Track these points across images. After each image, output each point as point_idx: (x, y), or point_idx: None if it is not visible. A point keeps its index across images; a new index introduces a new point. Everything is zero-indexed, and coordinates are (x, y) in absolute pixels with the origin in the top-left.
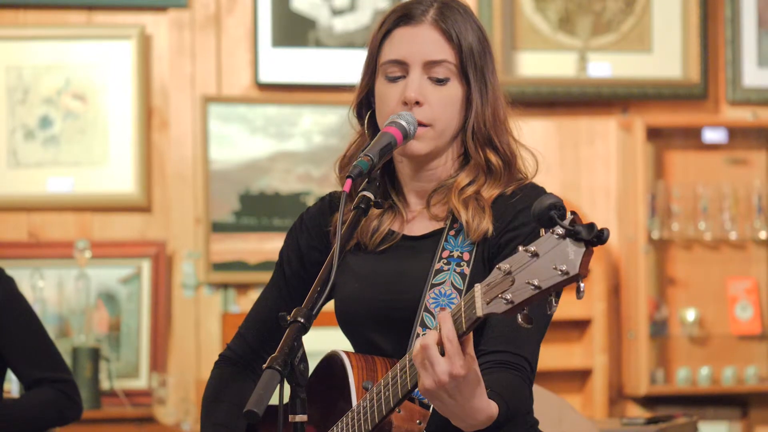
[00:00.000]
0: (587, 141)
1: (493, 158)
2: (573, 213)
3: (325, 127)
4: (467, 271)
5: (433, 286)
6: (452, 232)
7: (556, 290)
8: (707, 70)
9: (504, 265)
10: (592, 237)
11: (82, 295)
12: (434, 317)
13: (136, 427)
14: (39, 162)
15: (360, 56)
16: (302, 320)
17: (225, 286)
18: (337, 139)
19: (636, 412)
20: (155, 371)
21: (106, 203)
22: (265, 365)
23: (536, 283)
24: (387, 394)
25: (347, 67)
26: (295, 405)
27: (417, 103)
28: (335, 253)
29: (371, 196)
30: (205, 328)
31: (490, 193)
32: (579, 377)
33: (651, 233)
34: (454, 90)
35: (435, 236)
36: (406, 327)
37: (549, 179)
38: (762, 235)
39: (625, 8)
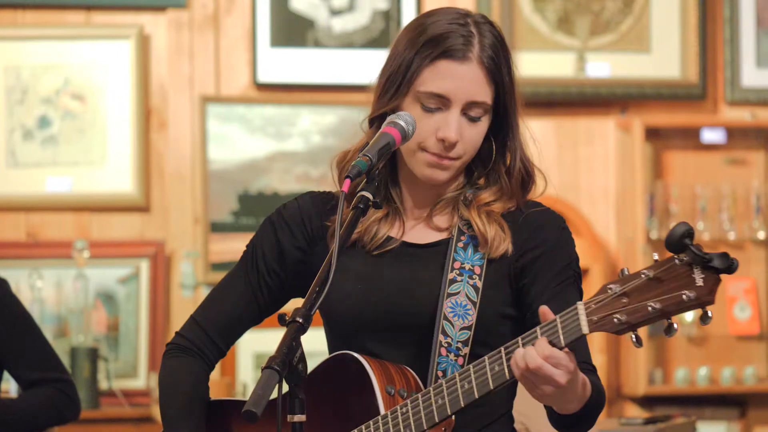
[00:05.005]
0: (586, 141)
1: (517, 179)
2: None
3: (324, 127)
4: (479, 284)
5: (450, 295)
6: (461, 244)
7: (678, 314)
8: (706, 71)
9: (614, 287)
10: (725, 266)
11: (80, 295)
12: (453, 325)
13: (135, 427)
14: (37, 162)
15: (358, 56)
16: (301, 320)
17: None
18: (335, 139)
19: (634, 412)
20: (154, 371)
21: (105, 203)
22: (263, 365)
23: (658, 306)
24: (441, 402)
25: (346, 67)
26: (293, 405)
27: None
28: (334, 254)
29: (370, 196)
30: None
31: (500, 212)
32: None
33: (650, 233)
34: (484, 126)
35: (441, 246)
36: (420, 335)
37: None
38: (760, 235)
39: (623, 8)
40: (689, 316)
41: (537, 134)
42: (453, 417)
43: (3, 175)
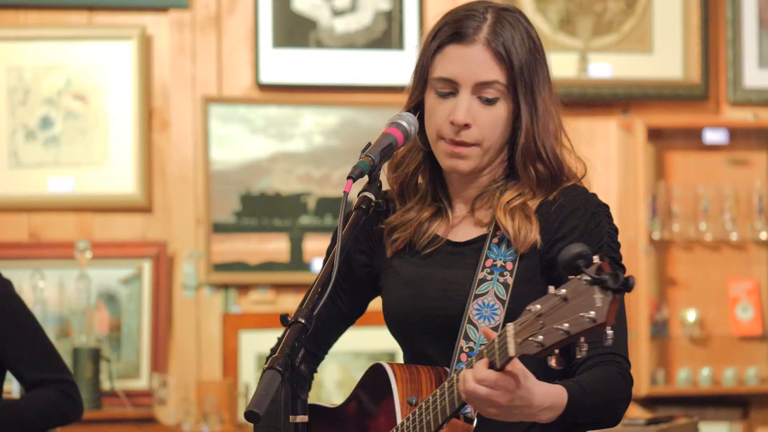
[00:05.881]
0: (588, 142)
1: (541, 169)
2: (601, 259)
3: (326, 128)
4: (510, 281)
5: (477, 296)
6: (495, 240)
7: (584, 335)
8: (708, 71)
9: (534, 307)
10: (618, 286)
11: (82, 295)
12: (477, 329)
13: (137, 428)
14: (40, 162)
15: (361, 57)
16: (303, 321)
17: (226, 286)
18: (337, 139)
19: (637, 412)
20: (156, 372)
21: (107, 204)
22: (265, 366)
23: (565, 328)
24: (432, 414)
25: (348, 67)
26: (296, 406)
27: (465, 125)
28: (336, 254)
29: (372, 196)
30: (205, 329)
31: (534, 202)
32: None
33: (652, 234)
34: (502, 109)
35: (478, 243)
36: (451, 336)
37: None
38: (763, 236)
39: (625, 9)
40: (691, 316)
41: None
42: (474, 422)
43: (5, 175)
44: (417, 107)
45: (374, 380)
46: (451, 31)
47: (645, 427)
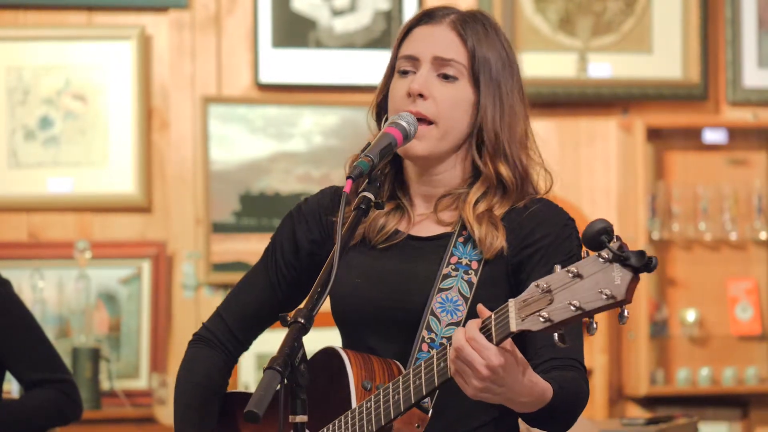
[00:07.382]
0: (587, 142)
1: (504, 172)
2: (618, 238)
3: (326, 128)
4: (474, 279)
5: (441, 290)
6: (461, 239)
7: (598, 313)
8: (707, 71)
9: (542, 283)
10: (642, 264)
11: (82, 295)
12: (440, 321)
13: (137, 428)
14: (39, 162)
15: (360, 56)
16: (302, 321)
17: (225, 286)
18: (337, 139)
19: (636, 412)
20: (155, 372)
21: (107, 204)
22: (265, 366)
23: (578, 305)
24: (396, 397)
25: (347, 67)
26: (295, 405)
27: (421, 96)
28: (335, 255)
29: (372, 196)
30: None
31: (501, 210)
32: None
33: (651, 234)
34: (462, 91)
35: (442, 239)
36: (408, 328)
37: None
38: (762, 235)
39: (625, 9)
40: (691, 316)
41: (538, 135)
42: (429, 413)
43: (5, 175)
44: (386, 104)
45: (325, 363)
46: (421, 15)
47: (644, 427)
